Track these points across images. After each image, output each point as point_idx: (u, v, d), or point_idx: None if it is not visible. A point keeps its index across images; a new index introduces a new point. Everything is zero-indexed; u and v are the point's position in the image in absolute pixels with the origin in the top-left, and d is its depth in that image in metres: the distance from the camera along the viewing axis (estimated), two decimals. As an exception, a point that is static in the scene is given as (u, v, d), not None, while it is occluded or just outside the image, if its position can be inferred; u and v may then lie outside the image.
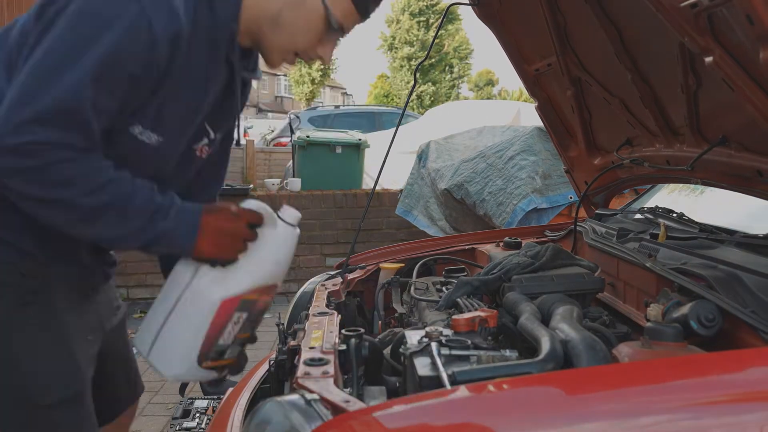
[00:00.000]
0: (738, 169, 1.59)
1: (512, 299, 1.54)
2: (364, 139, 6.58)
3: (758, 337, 1.19)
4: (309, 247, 5.93)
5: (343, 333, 1.45)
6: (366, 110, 13.14)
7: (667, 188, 2.41)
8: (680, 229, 1.85)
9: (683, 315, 1.26)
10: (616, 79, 1.88)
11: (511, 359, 1.19)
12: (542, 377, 1.09)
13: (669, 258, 1.59)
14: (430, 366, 1.17)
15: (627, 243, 1.83)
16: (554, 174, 4.10)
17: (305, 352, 1.33)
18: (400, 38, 31.10)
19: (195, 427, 2.62)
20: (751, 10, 1.12)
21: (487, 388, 1.00)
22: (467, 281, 1.69)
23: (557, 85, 2.21)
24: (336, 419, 1.01)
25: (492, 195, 4.23)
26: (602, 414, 0.94)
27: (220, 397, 2.70)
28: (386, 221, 6.03)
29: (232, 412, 1.47)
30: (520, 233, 2.41)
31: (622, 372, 1.09)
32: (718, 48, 1.30)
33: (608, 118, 2.11)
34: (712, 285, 1.35)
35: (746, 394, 0.97)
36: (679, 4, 1.29)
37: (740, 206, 1.94)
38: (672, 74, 1.59)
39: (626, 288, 1.78)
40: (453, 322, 1.37)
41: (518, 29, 2.21)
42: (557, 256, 1.73)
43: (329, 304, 1.75)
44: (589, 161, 2.34)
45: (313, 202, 5.95)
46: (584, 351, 1.18)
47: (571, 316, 1.36)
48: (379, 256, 2.25)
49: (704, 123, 1.67)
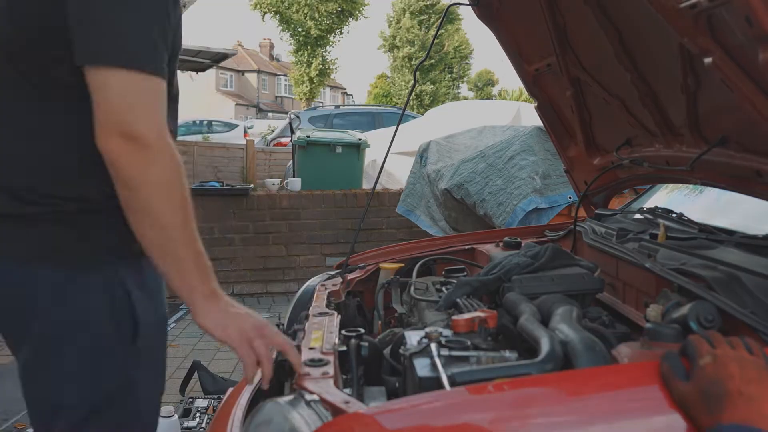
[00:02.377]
0: (737, 169, 1.59)
1: (512, 299, 1.54)
2: (364, 138, 6.58)
3: (757, 337, 1.19)
4: (309, 247, 5.93)
5: (343, 333, 1.45)
6: (366, 110, 13.15)
7: (666, 188, 2.41)
8: (680, 229, 1.85)
9: (682, 315, 1.26)
10: (615, 79, 1.88)
11: (510, 360, 1.19)
12: (542, 378, 1.09)
13: (668, 258, 1.59)
14: (430, 367, 1.17)
15: (627, 243, 1.83)
16: (553, 174, 4.10)
17: (305, 352, 1.34)
18: (400, 38, 31.12)
19: (195, 426, 2.63)
20: (750, 12, 1.12)
21: (486, 389, 1.00)
22: (467, 281, 1.69)
23: (557, 85, 2.21)
24: (336, 420, 1.01)
25: (492, 195, 4.23)
26: (602, 415, 0.94)
27: (220, 396, 2.70)
28: (386, 221, 6.03)
29: (232, 412, 1.47)
30: (520, 233, 2.41)
31: (621, 373, 1.09)
32: (718, 49, 1.30)
33: (608, 118, 2.12)
34: (712, 285, 1.35)
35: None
36: (678, 5, 1.29)
37: (740, 207, 1.94)
38: (672, 75, 1.60)
39: (626, 288, 1.78)
40: (453, 323, 1.37)
41: (518, 29, 2.21)
42: (557, 256, 1.74)
43: (329, 304, 1.75)
44: (588, 161, 2.34)
45: (313, 202, 5.95)
46: (584, 352, 1.18)
47: (570, 317, 1.36)
48: (379, 256, 2.25)
49: (704, 123, 1.67)
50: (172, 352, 4.30)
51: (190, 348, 4.40)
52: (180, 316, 5.17)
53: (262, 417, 1.12)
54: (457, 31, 32.93)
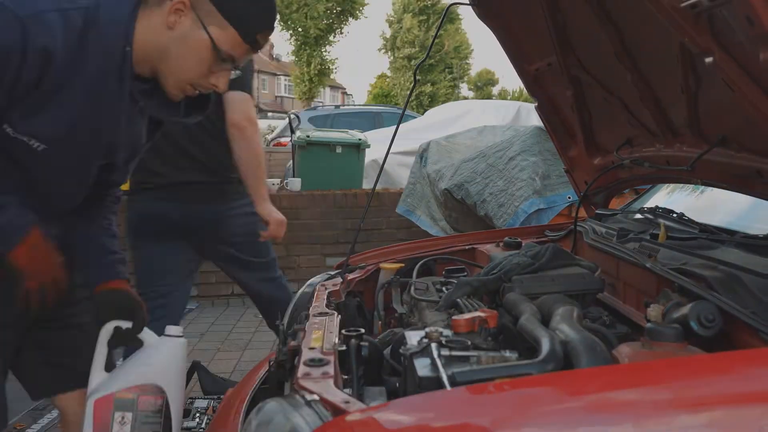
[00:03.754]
0: (738, 169, 1.59)
1: (512, 300, 1.54)
2: (364, 138, 6.57)
3: (758, 337, 1.19)
4: (309, 247, 5.92)
5: (343, 333, 1.45)
6: (366, 110, 13.14)
7: (667, 188, 2.41)
8: (680, 229, 1.85)
9: (683, 315, 1.26)
10: (616, 79, 1.88)
11: (510, 360, 1.19)
12: (542, 378, 1.09)
13: (669, 258, 1.59)
14: (430, 367, 1.17)
15: (627, 243, 1.83)
16: (553, 174, 4.10)
17: (305, 352, 1.33)
18: (401, 38, 31.11)
19: (195, 426, 2.62)
20: (751, 11, 1.11)
21: (487, 389, 1.00)
22: (467, 281, 1.69)
23: (557, 85, 2.21)
24: (336, 420, 1.01)
25: (493, 196, 4.22)
26: (602, 415, 0.93)
27: (220, 396, 2.70)
28: (386, 221, 6.03)
29: (232, 412, 1.47)
30: (520, 233, 2.41)
31: (622, 373, 1.09)
32: (718, 48, 1.30)
33: (608, 118, 2.11)
34: (713, 285, 1.35)
35: (746, 395, 0.97)
36: (679, 5, 1.29)
37: (740, 206, 1.94)
38: (672, 74, 1.59)
39: (626, 288, 1.78)
40: (453, 323, 1.37)
41: (518, 29, 2.21)
42: (557, 256, 1.73)
43: (329, 304, 1.75)
44: (589, 161, 2.34)
45: (313, 202, 5.94)
46: (584, 352, 1.18)
47: (571, 317, 1.36)
48: (379, 256, 2.25)
49: (704, 123, 1.66)
50: (172, 352, 4.29)
51: (190, 348, 4.40)
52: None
53: (263, 417, 1.12)
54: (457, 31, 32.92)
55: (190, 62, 1.48)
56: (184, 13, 1.46)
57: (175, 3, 1.45)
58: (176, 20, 1.46)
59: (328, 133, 7.04)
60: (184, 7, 1.46)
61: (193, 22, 1.46)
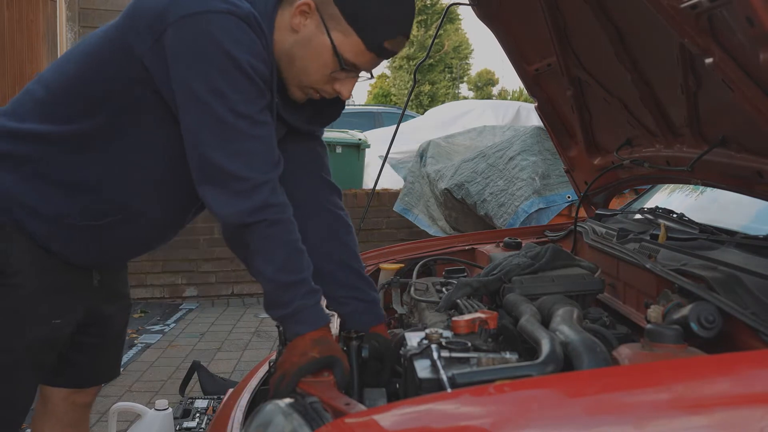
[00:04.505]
0: (738, 169, 1.59)
1: (512, 300, 1.54)
2: (364, 138, 6.57)
3: (759, 338, 1.19)
4: (309, 247, 5.92)
5: (343, 334, 1.45)
6: (366, 110, 13.13)
7: (667, 188, 2.41)
8: (680, 229, 1.85)
9: (683, 316, 1.25)
10: (616, 79, 1.88)
11: (511, 361, 1.19)
12: (542, 380, 1.09)
13: (669, 259, 1.59)
14: (430, 368, 1.17)
15: (627, 244, 1.83)
16: (553, 174, 4.10)
17: (305, 353, 1.33)
18: (400, 38, 31.01)
19: (195, 426, 2.62)
20: (751, 12, 1.11)
21: (487, 390, 1.00)
22: (467, 282, 1.69)
23: (557, 85, 2.21)
24: (336, 422, 1.01)
25: (493, 196, 4.23)
26: (603, 417, 0.93)
27: (220, 397, 2.70)
28: (386, 221, 6.03)
29: (232, 413, 1.46)
30: (520, 233, 2.41)
31: (622, 374, 1.09)
32: (718, 49, 1.30)
33: (608, 118, 2.11)
34: (713, 286, 1.35)
35: (747, 396, 0.97)
36: (679, 5, 1.28)
37: (740, 207, 1.94)
38: (672, 75, 1.59)
39: (626, 289, 1.78)
40: (453, 324, 1.37)
41: (518, 29, 2.21)
42: (557, 256, 1.73)
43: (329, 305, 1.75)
44: (589, 161, 2.34)
45: (313, 202, 5.93)
46: (584, 353, 1.17)
47: (571, 318, 1.36)
48: (379, 257, 2.25)
49: (704, 124, 1.66)
50: (172, 352, 4.30)
51: (190, 348, 4.40)
52: (180, 317, 5.17)
53: (262, 418, 1.12)
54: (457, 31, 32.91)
55: (312, 66, 1.41)
56: (309, 15, 1.39)
57: (301, 4, 1.38)
58: (301, 22, 1.39)
59: (328, 133, 7.02)
60: (309, 9, 1.38)
61: (317, 25, 1.39)
